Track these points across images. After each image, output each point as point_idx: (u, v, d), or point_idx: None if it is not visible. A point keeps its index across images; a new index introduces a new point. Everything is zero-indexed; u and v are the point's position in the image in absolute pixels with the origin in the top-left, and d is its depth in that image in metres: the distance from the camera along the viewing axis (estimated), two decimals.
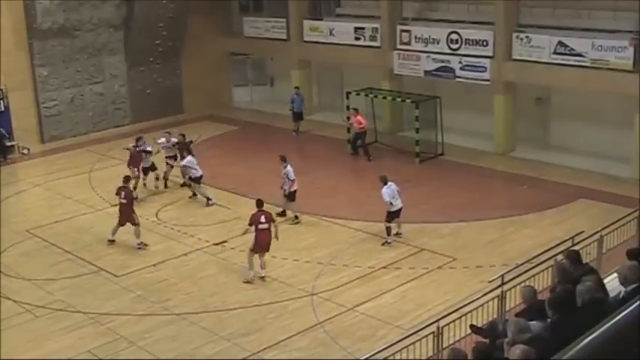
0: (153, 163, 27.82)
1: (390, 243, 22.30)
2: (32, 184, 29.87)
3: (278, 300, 19.33)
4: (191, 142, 27.99)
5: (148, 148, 27.51)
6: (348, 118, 31.90)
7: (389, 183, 22.49)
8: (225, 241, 23.06)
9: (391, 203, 22.25)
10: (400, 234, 22.71)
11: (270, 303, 19.19)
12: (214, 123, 38.34)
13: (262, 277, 20.48)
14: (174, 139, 28.00)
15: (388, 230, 22.40)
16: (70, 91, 36.32)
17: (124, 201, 23.02)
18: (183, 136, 28.15)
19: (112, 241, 23.27)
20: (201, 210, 25.86)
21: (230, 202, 26.44)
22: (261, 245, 20.49)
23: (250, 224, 20.63)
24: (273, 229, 20.63)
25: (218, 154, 32.21)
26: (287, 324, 18.12)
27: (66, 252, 22.96)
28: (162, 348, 17.31)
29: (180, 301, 19.60)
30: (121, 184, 23.57)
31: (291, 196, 24.46)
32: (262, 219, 20.53)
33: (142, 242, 22.97)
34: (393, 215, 22.47)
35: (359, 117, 30.88)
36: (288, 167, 24.46)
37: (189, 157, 26.40)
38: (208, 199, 26.19)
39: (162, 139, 27.98)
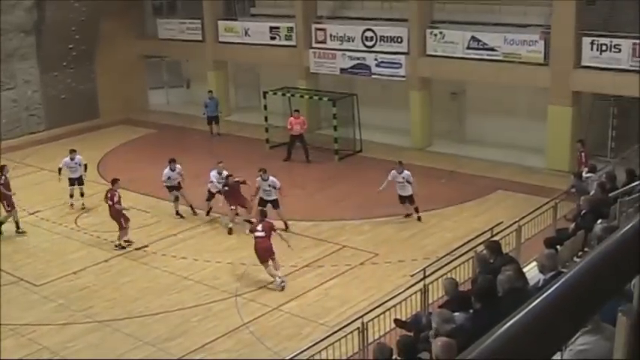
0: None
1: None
2: None
3: (202, 303, 19.23)
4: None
5: None
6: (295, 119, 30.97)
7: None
8: (147, 246, 22.88)
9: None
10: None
11: (194, 306, 19.08)
12: (130, 127, 37.96)
13: (283, 283, 19.88)
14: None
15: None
16: None
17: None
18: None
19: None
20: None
21: (149, 205, 26.19)
22: (260, 255, 19.94)
23: (250, 231, 20.49)
24: (273, 238, 20.11)
25: (135, 158, 31.90)
26: (212, 326, 18.04)
27: None
28: (87, 356, 17.07)
29: (102, 308, 19.36)
30: (40, 192, 23.11)
31: (277, 204, 23.87)
32: (259, 227, 20.15)
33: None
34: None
35: (302, 118, 30.70)
36: (271, 178, 23.78)
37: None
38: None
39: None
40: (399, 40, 30.69)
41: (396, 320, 14.04)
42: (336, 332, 14.69)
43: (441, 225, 23.26)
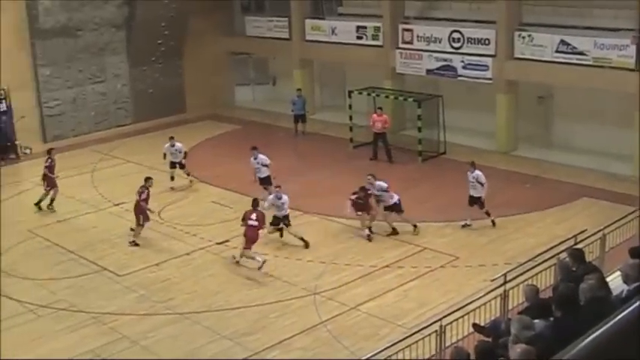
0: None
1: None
2: (34, 184, 29.78)
3: (280, 299, 19.32)
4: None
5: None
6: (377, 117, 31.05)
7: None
8: (228, 240, 23.07)
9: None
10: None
11: (272, 302, 19.18)
12: (216, 122, 38.37)
13: (263, 264, 20.72)
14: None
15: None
16: (73, 91, 36.35)
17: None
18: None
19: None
20: (203, 209, 25.82)
21: (232, 201, 26.41)
22: (248, 240, 20.98)
23: (243, 219, 21.27)
24: (265, 228, 21.41)
25: (220, 153, 32.20)
26: (289, 323, 18.11)
27: (69, 252, 22.96)
28: (165, 347, 17.30)
29: (182, 300, 19.60)
30: (126, 183, 23.59)
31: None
32: (253, 216, 21.06)
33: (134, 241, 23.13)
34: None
35: (384, 116, 30.67)
36: (261, 155, 25.50)
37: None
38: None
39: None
40: (487, 42, 30.41)
41: (474, 325, 13.92)
42: (413, 334, 14.61)
43: (523, 230, 22.98)
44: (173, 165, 28.36)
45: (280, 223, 22.88)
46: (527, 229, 23.01)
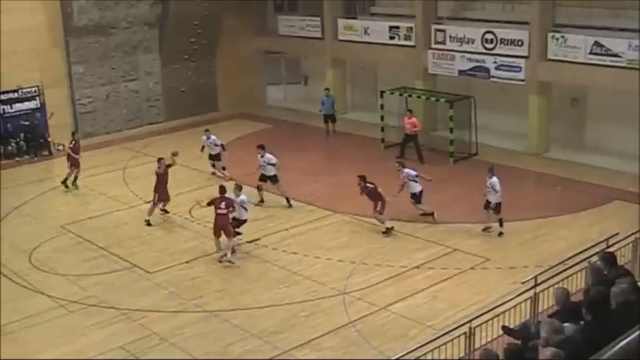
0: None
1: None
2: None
3: (310, 299, 19.33)
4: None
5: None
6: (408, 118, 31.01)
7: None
8: (258, 239, 23.13)
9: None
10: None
11: (301, 301, 19.20)
12: (247, 121, 38.44)
13: (223, 257, 21.53)
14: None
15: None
16: (105, 89, 36.62)
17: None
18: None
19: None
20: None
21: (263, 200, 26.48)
22: (216, 227, 21.62)
23: (209, 204, 21.90)
24: (231, 215, 21.88)
25: (251, 152, 32.19)
26: (318, 323, 18.12)
27: (100, 248, 23.13)
28: (194, 345, 17.36)
29: (212, 298, 19.66)
30: (150, 181, 23.73)
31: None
32: (222, 205, 21.62)
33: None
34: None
35: (414, 119, 30.63)
36: (267, 154, 26.15)
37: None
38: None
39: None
40: (520, 43, 30.25)
41: (504, 327, 13.83)
42: (442, 335, 14.55)
43: (554, 233, 22.83)
44: (211, 157, 29.19)
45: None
46: (559, 232, 22.86)
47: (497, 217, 22.94)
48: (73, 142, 29.12)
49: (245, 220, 22.81)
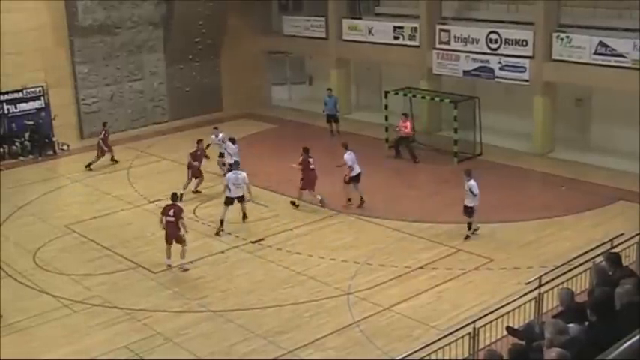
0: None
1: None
2: (71, 180, 30.15)
3: (314, 299, 19.33)
4: None
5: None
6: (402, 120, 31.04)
7: (349, 150, 25.47)
8: (263, 239, 23.13)
9: (351, 167, 25.08)
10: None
11: (306, 301, 19.20)
12: (252, 121, 38.45)
13: (169, 266, 21.44)
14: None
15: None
16: (110, 88, 36.66)
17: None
18: None
19: None
20: (238, 208, 25.86)
21: (268, 200, 26.48)
22: (166, 236, 21.45)
23: (162, 214, 21.63)
24: (181, 223, 21.44)
25: (256, 152, 32.23)
26: (323, 322, 18.12)
27: (104, 248, 23.15)
28: (198, 345, 17.37)
29: (216, 298, 19.67)
30: (161, 181, 23.76)
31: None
32: (170, 212, 21.35)
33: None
34: (353, 179, 25.11)
35: (407, 123, 30.64)
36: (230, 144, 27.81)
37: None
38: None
39: None
40: (524, 43, 30.23)
41: (508, 328, 13.82)
42: (447, 336, 14.55)
43: (559, 233, 22.81)
44: (221, 155, 29.16)
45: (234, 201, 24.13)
46: (563, 232, 22.84)
47: (468, 220, 22.77)
48: (104, 132, 31.36)
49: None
